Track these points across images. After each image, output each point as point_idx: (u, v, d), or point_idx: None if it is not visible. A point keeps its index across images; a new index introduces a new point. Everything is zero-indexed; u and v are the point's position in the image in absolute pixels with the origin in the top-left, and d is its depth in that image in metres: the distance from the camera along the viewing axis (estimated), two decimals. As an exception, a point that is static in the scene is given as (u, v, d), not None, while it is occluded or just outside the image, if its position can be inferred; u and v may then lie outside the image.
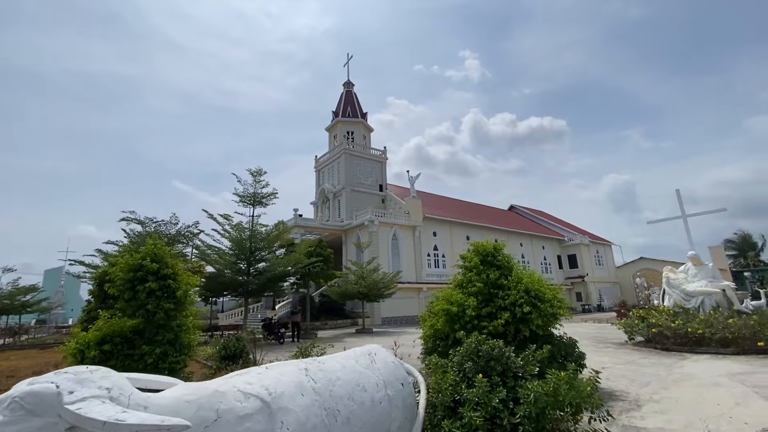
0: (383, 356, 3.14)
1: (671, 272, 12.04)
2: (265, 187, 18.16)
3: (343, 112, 36.34)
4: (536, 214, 50.67)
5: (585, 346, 11.96)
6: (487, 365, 3.05)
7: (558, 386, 2.80)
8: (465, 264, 7.36)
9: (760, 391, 5.58)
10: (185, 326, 5.47)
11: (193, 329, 5.66)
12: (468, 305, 6.46)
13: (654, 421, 4.56)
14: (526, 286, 6.36)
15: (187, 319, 5.49)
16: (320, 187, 34.88)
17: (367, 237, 26.50)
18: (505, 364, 3.04)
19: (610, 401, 5.43)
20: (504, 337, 6.36)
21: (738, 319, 9.38)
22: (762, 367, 7.36)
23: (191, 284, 5.48)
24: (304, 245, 17.13)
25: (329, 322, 23.89)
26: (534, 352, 3.37)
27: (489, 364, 3.04)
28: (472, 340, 3.30)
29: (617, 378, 6.94)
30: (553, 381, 2.81)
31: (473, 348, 3.19)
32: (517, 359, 3.07)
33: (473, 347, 3.20)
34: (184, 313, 5.51)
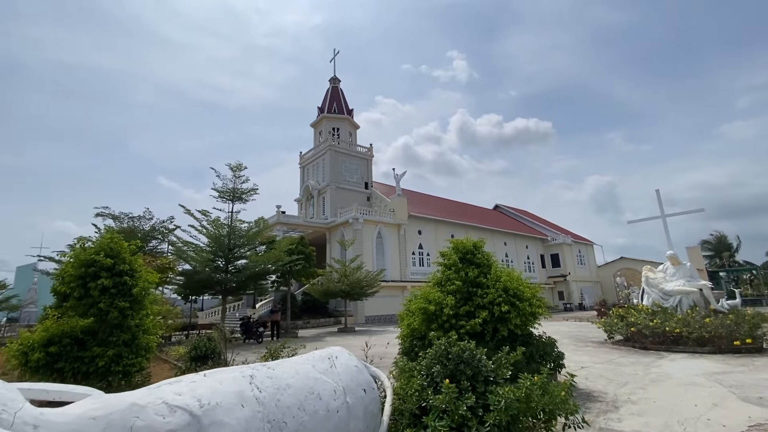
0: (345, 360, 2.88)
1: (650, 271, 12.13)
2: (245, 183, 17.70)
3: (328, 108, 35.87)
4: (520, 214, 51.15)
5: (565, 344, 11.99)
6: (456, 369, 2.83)
7: (531, 391, 2.60)
8: (444, 261, 7.17)
9: (737, 392, 5.54)
10: (144, 326, 5.10)
11: (154, 329, 5.30)
12: (446, 304, 6.27)
13: (631, 423, 4.44)
14: (504, 285, 6.20)
15: (146, 319, 5.12)
16: (304, 183, 34.38)
17: (352, 235, 26.20)
18: (476, 367, 2.82)
19: (587, 402, 5.31)
20: (482, 337, 6.20)
21: (714, 318, 9.46)
22: (738, 366, 7.38)
23: (150, 281, 5.12)
24: (285, 242, 16.73)
25: (311, 321, 23.53)
26: (507, 354, 3.16)
27: (458, 368, 2.82)
28: (442, 342, 3.08)
29: (596, 378, 6.86)
30: (526, 386, 2.60)
31: (443, 350, 2.97)
32: (488, 362, 2.86)
33: (443, 349, 2.98)
34: (144, 312, 5.15)
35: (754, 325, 8.93)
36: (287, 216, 27.81)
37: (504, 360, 3.08)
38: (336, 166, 32.58)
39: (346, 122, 35.71)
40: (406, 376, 2.89)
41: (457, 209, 41.82)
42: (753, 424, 4.23)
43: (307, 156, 35.76)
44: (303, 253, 17.59)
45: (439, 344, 3.05)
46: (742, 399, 5.19)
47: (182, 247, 16.13)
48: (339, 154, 33.20)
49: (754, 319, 9.12)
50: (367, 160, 35.51)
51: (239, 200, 17.70)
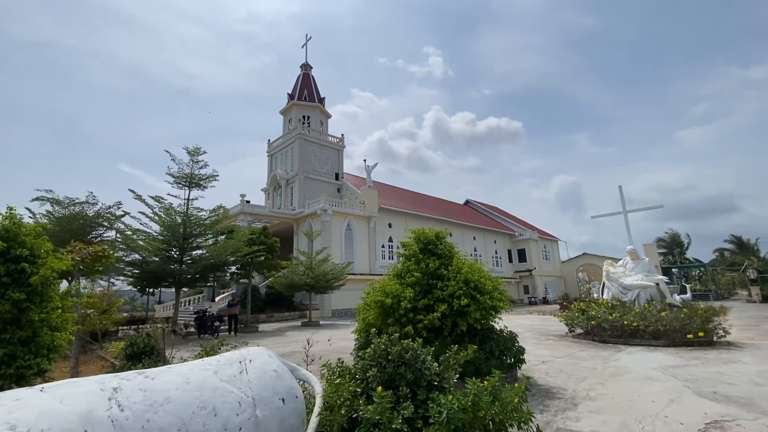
0: (261, 363, 2.38)
1: (611, 266, 12.30)
2: (203, 168, 16.65)
3: (299, 95, 34.67)
4: (490, 210, 51.95)
5: (528, 338, 11.98)
6: (395, 372, 2.39)
7: (479, 399, 2.20)
8: (405, 252, 6.78)
9: (691, 386, 5.48)
10: (51, 322, 4.37)
11: (64, 325, 4.57)
12: (404, 297, 5.86)
13: (589, 422, 4.21)
14: (465, 277, 5.86)
15: (53, 314, 4.39)
16: (272, 172, 33.16)
17: (320, 226, 25.49)
18: (419, 370, 2.39)
19: (546, 400, 5.08)
20: (440, 332, 5.86)
21: (669, 312, 9.63)
22: (692, 359, 7.46)
23: (57, 269, 4.38)
24: (245, 232, 15.86)
25: (275, 315, 22.73)
26: (456, 353, 2.76)
27: (398, 371, 2.39)
28: (381, 340, 2.63)
29: (555, 373, 6.70)
30: (473, 393, 2.20)
31: (382, 350, 2.53)
32: (433, 364, 2.44)
33: (382, 349, 2.54)
34: (52, 305, 4.41)
35: (706, 319, 9.13)
36: (252, 206, 26.68)
37: (452, 360, 2.68)
38: (305, 156, 31.60)
39: (317, 110, 34.66)
40: (335, 382, 2.42)
41: (429, 203, 41.84)
42: (709, 421, 4.09)
43: (276, 144, 34.49)
44: (265, 243, 16.78)
45: (378, 343, 2.61)
46: (697, 394, 5.11)
47: (131, 235, 14.95)
48: (309, 143, 32.20)
49: (706, 313, 9.34)
50: (338, 150, 34.70)
51: (197, 187, 16.66)
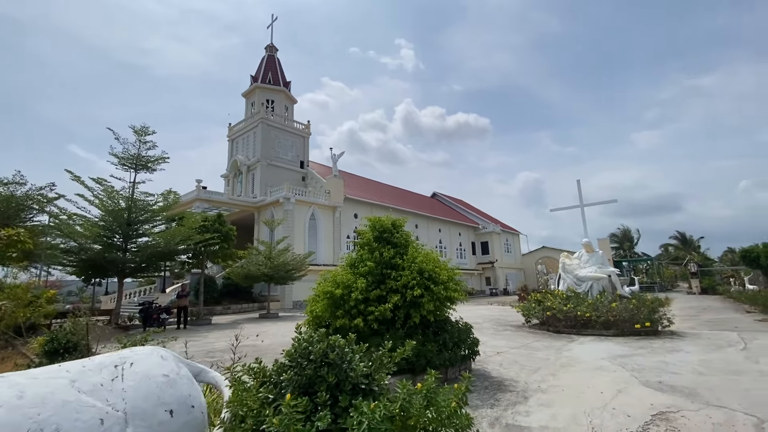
0: (145, 367, 1.93)
1: (567, 258, 12.56)
2: (151, 149, 15.42)
3: (263, 77, 33.13)
4: (456, 203, 52.66)
5: (485, 328, 12.03)
6: (316, 375, 2.01)
7: (409, 404, 1.87)
8: (359, 240, 6.40)
9: (638, 376, 5.52)
10: None
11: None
12: (356, 287, 5.50)
13: (539, 416, 4.06)
14: (420, 267, 5.57)
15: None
16: (232, 158, 31.63)
17: (282, 215, 24.61)
18: (344, 372, 2.02)
19: (498, 393, 4.92)
20: (392, 324, 5.56)
21: (619, 303, 9.91)
22: (639, 349, 7.64)
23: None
24: (196, 218, 14.87)
25: (232, 307, 21.81)
26: (390, 350, 2.43)
27: (319, 373, 2.01)
28: (304, 337, 2.24)
29: (509, 364, 6.61)
30: (402, 398, 1.86)
31: (303, 348, 2.14)
32: (360, 365, 2.08)
33: (303, 347, 2.14)
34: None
35: (653, 310, 9.47)
36: (209, 192, 25.29)
37: (385, 359, 2.33)
38: (268, 141, 30.34)
39: (281, 95, 33.31)
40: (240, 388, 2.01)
41: (396, 195, 41.69)
42: (655, 412, 4.05)
43: (237, 128, 32.88)
44: (219, 231, 15.85)
45: (299, 340, 2.22)
46: (643, 384, 5.13)
47: (67, 220, 13.61)
48: (272, 129, 30.93)
49: (653, 304, 9.69)
50: (304, 137, 33.62)
51: (144, 169, 15.42)
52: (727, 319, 12.56)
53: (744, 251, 26.98)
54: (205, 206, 24.92)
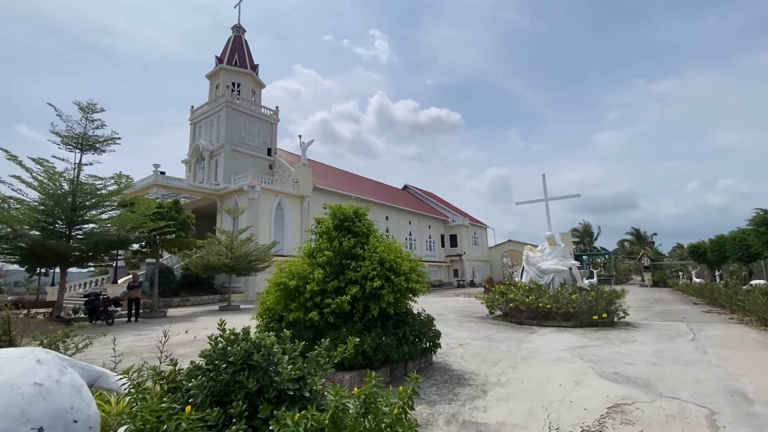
0: (9, 376, 1.53)
1: (531, 251, 12.73)
2: (98, 128, 14.22)
3: (228, 59, 31.52)
4: (427, 195, 52.95)
5: (450, 320, 12.01)
6: (233, 381, 1.67)
7: (342, 413, 1.57)
8: (317, 229, 6.04)
9: (595, 367, 5.55)
10: None
11: None
12: (312, 278, 5.15)
13: (497, 412, 3.91)
14: (380, 257, 5.29)
15: None
16: (195, 142, 30.04)
17: (247, 204, 23.66)
18: (268, 376, 1.70)
19: (457, 387, 4.77)
20: (350, 317, 5.27)
21: (579, 295, 10.12)
22: (596, 340, 7.78)
23: None
24: (149, 205, 13.89)
25: (192, 298, 20.82)
26: (328, 349, 2.13)
27: (237, 378, 1.67)
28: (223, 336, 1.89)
29: (471, 357, 6.52)
30: (333, 407, 1.57)
31: (220, 349, 1.79)
32: (288, 367, 1.76)
33: (220, 348, 1.80)
34: None
35: (610, 302, 9.73)
36: (167, 177, 23.88)
37: (322, 359, 2.03)
38: (234, 126, 29.00)
39: (248, 78, 31.86)
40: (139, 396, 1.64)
41: (367, 186, 41.29)
42: (611, 405, 4.01)
43: (201, 111, 31.20)
44: (176, 219, 14.92)
45: (215, 340, 1.87)
46: (600, 375, 5.14)
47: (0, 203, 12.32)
48: (238, 113, 29.57)
49: (610, 296, 9.95)
50: (272, 123, 32.42)
51: (91, 150, 14.23)
52: (677, 310, 13.22)
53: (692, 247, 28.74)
54: (164, 193, 23.52)
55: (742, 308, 10.67)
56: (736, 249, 19.73)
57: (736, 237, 19.89)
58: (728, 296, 12.19)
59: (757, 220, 14.47)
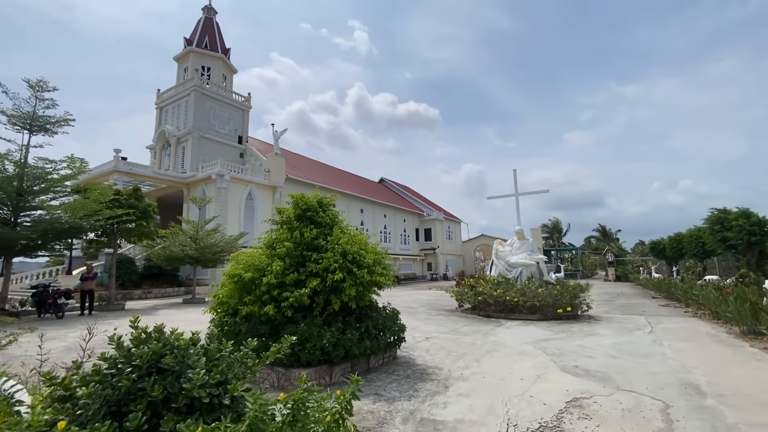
0: None
1: (500, 245, 12.84)
2: (50, 108, 13.19)
3: (198, 41, 30.06)
4: (402, 189, 52.95)
5: (420, 313, 11.96)
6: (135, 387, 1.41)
7: (261, 425, 1.35)
8: (278, 218, 5.75)
9: (557, 361, 5.57)
10: None
11: None
12: (270, 270, 4.87)
13: (457, 408, 3.80)
14: (343, 249, 5.07)
15: None
16: (160, 128, 28.60)
17: (215, 193, 22.79)
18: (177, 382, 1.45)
19: (419, 383, 4.64)
20: (310, 311, 5.04)
21: (545, 288, 10.27)
22: (559, 333, 7.88)
23: None
24: (105, 192, 13.04)
25: (154, 290, 19.91)
26: (256, 349, 1.90)
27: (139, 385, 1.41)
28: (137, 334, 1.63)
29: (436, 350, 6.43)
30: (250, 417, 1.35)
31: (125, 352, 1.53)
32: (200, 373, 1.51)
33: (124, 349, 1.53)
34: None
35: (574, 296, 9.92)
36: (129, 164, 22.62)
37: (249, 360, 1.80)
38: (202, 112, 27.78)
39: (219, 62, 30.55)
40: (7, 410, 1.36)
41: (343, 178, 40.78)
42: (570, 399, 3.98)
43: (167, 95, 29.70)
44: (135, 207, 14.10)
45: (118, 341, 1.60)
46: (561, 369, 5.15)
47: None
48: (207, 98, 28.33)
49: (574, 290, 10.15)
50: (244, 110, 31.29)
51: (41, 131, 13.19)
52: (637, 304, 13.73)
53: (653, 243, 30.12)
54: (125, 180, 22.29)
55: (696, 302, 11.16)
56: (692, 246, 20.76)
57: (692, 235, 20.91)
58: (684, 291, 12.76)
59: (711, 220, 15.21)
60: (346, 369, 4.86)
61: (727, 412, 3.56)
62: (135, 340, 1.61)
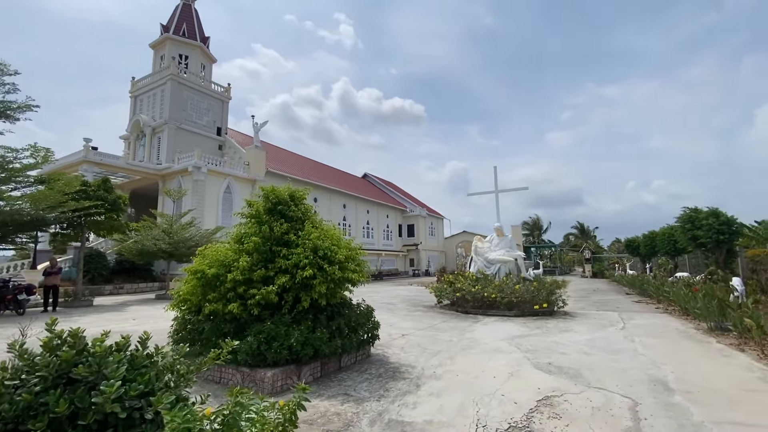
0: None
1: (479, 241, 12.86)
2: (11, 93, 12.43)
3: (176, 28, 29.00)
4: (386, 185, 52.79)
5: (399, 309, 11.89)
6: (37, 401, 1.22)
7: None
8: (248, 212, 5.51)
9: (531, 357, 5.55)
10: None
11: None
12: (236, 266, 4.65)
13: (426, 408, 3.70)
14: (314, 244, 4.88)
15: None
16: (135, 117, 27.54)
17: (191, 185, 22.12)
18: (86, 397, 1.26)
19: (390, 382, 4.52)
20: (279, 309, 4.85)
21: (523, 285, 10.32)
22: (535, 329, 7.92)
23: None
24: (71, 182, 12.40)
25: (126, 286, 19.20)
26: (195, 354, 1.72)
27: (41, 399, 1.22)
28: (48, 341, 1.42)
29: (411, 348, 6.34)
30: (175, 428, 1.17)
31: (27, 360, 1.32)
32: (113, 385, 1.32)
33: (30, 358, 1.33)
34: None
35: (551, 292, 10.01)
36: (101, 154, 21.68)
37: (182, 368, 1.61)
38: (179, 102, 26.86)
39: (198, 51, 29.57)
40: None
41: (326, 172, 40.29)
42: (540, 398, 3.93)
43: (143, 83, 28.58)
44: (104, 199, 13.47)
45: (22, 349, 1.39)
46: (534, 366, 5.12)
47: None
48: (185, 88, 27.40)
49: (551, 286, 10.23)
50: (223, 101, 30.44)
51: (1, 117, 12.41)
52: (611, 300, 14.02)
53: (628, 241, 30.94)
54: (96, 171, 21.36)
55: (667, 299, 11.45)
56: (665, 243, 21.39)
57: (665, 233, 21.53)
58: (656, 287, 13.08)
59: (683, 218, 15.64)
60: (316, 369, 4.70)
61: (694, 410, 3.57)
62: (45, 346, 1.40)
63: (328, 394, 4.12)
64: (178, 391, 1.57)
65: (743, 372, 4.77)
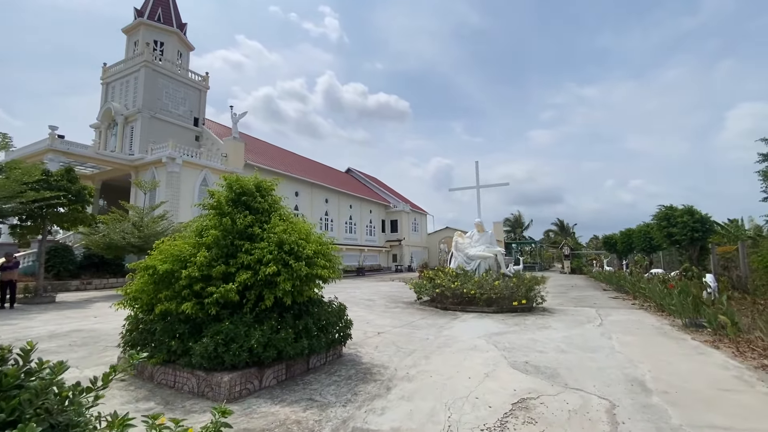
0: None
1: (460, 237, 12.72)
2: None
3: (151, 13, 27.74)
4: (370, 180, 52.40)
5: (378, 306, 11.62)
6: None
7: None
8: (209, 202, 5.12)
9: (508, 356, 5.37)
10: None
11: None
12: (193, 261, 4.28)
13: (395, 414, 3.45)
14: (279, 238, 4.55)
15: None
16: (106, 105, 26.30)
17: (165, 177, 21.27)
18: None
19: (360, 384, 4.26)
20: (240, 307, 4.51)
21: (502, 281, 10.22)
22: (513, 326, 7.79)
23: None
24: (30, 171, 11.61)
25: (95, 281, 18.33)
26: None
27: None
28: None
29: (386, 346, 6.09)
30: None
31: None
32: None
33: None
34: None
35: (530, 288, 9.93)
36: (68, 143, 20.59)
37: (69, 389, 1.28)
38: (154, 90, 25.77)
39: (174, 37, 28.40)
40: None
41: (307, 166, 39.59)
42: (516, 400, 3.74)
43: (114, 70, 27.29)
44: (68, 190, 12.71)
45: None
46: (511, 365, 4.94)
47: None
48: (160, 76, 26.29)
49: (530, 282, 10.16)
50: (201, 91, 29.40)
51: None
52: (589, 296, 14.12)
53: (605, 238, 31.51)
54: (63, 160, 20.28)
55: (643, 295, 11.56)
56: (641, 240, 21.78)
57: (641, 230, 21.92)
58: (632, 284, 13.23)
59: (659, 216, 15.89)
60: (281, 371, 4.39)
61: (672, 412, 3.43)
62: None
63: (290, 399, 3.82)
64: (60, 418, 1.24)
65: (719, 370, 4.70)
